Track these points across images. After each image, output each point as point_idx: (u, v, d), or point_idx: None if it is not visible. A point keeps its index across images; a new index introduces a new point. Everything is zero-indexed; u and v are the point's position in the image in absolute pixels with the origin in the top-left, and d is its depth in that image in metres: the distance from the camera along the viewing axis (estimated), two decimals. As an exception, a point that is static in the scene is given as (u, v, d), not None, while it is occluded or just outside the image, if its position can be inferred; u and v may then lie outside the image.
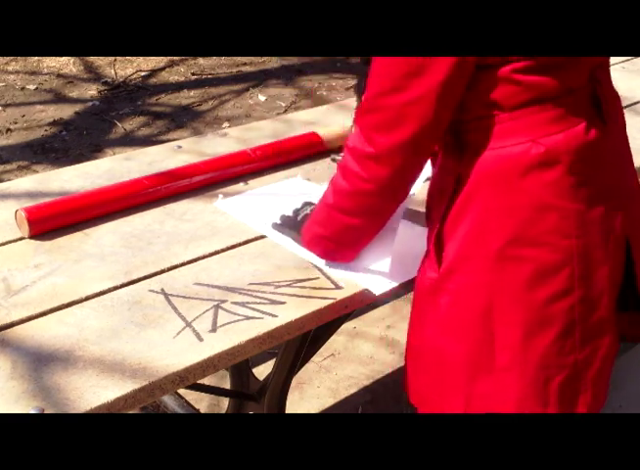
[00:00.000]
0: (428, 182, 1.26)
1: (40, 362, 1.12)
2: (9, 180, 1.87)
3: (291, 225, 1.44)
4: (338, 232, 1.26)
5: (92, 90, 4.72)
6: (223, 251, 1.43)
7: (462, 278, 1.15)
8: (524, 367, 1.14)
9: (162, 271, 1.36)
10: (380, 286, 1.31)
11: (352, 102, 2.28)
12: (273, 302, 1.28)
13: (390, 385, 2.38)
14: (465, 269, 1.14)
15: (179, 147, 1.88)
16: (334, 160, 1.80)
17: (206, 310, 1.25)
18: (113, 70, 4.99)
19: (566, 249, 1.10)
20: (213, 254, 1.42)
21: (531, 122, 1.09)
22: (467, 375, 1.17)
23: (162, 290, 1.31)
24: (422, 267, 1.24)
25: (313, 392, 2.35)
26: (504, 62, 1.06)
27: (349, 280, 1.32)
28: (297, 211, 1.47)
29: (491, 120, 1.10)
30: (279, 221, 1.48)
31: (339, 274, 1.34)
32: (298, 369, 1.68)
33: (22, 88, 4.74)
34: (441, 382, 1.21)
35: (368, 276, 1.32)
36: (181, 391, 1.91)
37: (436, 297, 1.18)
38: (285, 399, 1.71)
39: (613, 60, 1.26)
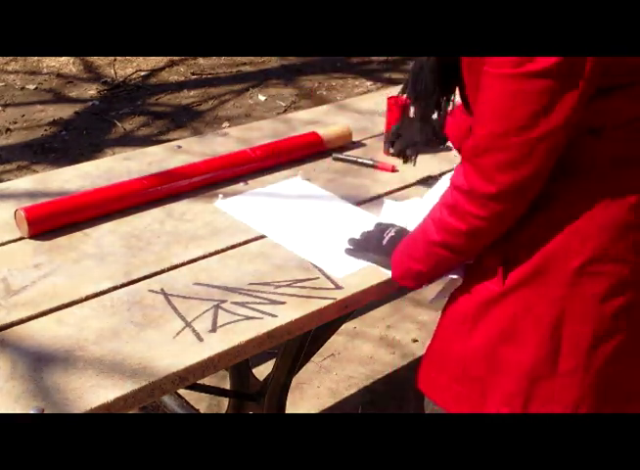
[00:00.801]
0: None
1: (40, 362, 1.12)
2: (9, 180, 1.87)
3: (374, 250, 1.39)
4: (437, 267, 1.24)
5: (92, 90, 4.72)
6: (223, 251, 1.43)
7: (533, 291, 1.15)
8: (585, 373, 1.15)
9: (162, 271, 1.36)
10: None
11: (353, 102, 2.28)
12: (273, 302, 1.28)
13: (390, 385, 2.38)
14: (537, 283, 1.14)
15: (179, 147, 1.88)
16: (335, 159, 1.81)
17: (206, 310, 1.25)
18: (112, 70, 5.00)
19: (638, 264, 1.12)
20: (213, 254, 1.42)
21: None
22: (527, 380, 1.17)
23: (162, 290, 1.30)
24: (481, 280, 1.21)
25: (313, 392, 2.35)
26: (627, 84, 1.04)
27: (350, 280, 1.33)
28: (368, 234, 1.42)
29: (580, 144, 1.09)
30: (350, 246, 1.43)
31: (339, 275, 1.34)
32: (298, 369, 1.68)
33: (22, 88, 4.74)
34: (491, 386, 1.21)
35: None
36: (181, 391, 1.91)
37: (495, 308, 1.18)
38: (285, 399, 1.71)
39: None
